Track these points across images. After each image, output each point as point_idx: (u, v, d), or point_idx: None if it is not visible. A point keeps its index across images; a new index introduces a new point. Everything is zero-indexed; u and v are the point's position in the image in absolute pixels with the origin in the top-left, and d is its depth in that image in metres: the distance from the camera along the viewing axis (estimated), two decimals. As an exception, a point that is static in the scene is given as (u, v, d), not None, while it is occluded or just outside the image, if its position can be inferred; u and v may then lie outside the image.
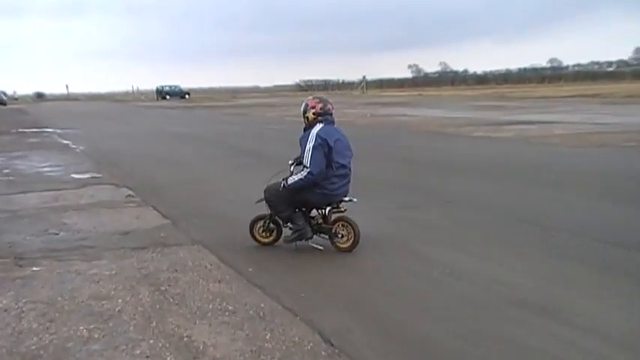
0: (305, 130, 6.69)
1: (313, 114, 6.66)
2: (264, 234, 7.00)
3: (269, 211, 6.86)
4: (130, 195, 10.38)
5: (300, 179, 6.51)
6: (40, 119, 38.31)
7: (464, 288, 5.44)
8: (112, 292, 5.50)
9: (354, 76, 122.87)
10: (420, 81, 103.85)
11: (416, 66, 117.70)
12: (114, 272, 6.10)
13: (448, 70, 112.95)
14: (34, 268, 6.28)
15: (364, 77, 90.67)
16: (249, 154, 16.24)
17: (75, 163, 15.24)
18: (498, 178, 11.35)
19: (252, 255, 6.63)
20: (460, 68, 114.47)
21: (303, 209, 6.79)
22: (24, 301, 5.32)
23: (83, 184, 11.70)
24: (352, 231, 6.60)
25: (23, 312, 5.07)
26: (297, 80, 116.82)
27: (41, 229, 7.96)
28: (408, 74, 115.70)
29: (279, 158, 13.56)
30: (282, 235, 6.95)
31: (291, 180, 6.62)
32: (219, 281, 5.75)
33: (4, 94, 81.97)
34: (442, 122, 25.89)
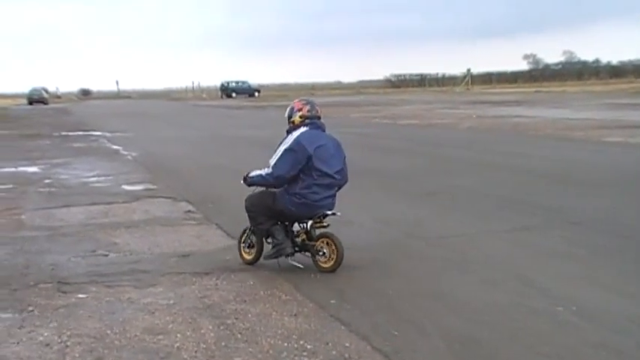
0: (287, 132, 7.14)
1: (300, 117, 7.23)
2: (246, 249, 7.44)
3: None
4: (189, 210, 10.59)
5: (261, 175, 7.09)
6: (85, 120, 39.81)
7: (598, 331, 5.27)
8: (170, 326, 5.60)
9: (456, 69, 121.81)
10: (539, 74, 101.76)
11: (533, 56, 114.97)
12: (171, 302, 6.22)
13: (575, 60, 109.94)
14: (80, 296, 6.47)
15: (469, 70, 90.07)
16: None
17: (126, 172, 15.72)
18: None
19: (335, 283, 6.64)
20: (590, 58, 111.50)
21: (286, 223, 7.19)
22: (68, 334, 5.47)
23: (136, 197, 12.02)
24: (335, 250, 6.91)
25: (67, 347, 5.21)
26: (387, 74, 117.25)
27: (88, 250, 8.21)
28: (523, 66, 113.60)
29: (367, 170, 13.57)
30: (263, 250, 7.27)
31: (253, 173, 7.23)
32: (296, 315, 5.78)
33: (46, 91, 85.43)
34: (566, 125, 25.33)
